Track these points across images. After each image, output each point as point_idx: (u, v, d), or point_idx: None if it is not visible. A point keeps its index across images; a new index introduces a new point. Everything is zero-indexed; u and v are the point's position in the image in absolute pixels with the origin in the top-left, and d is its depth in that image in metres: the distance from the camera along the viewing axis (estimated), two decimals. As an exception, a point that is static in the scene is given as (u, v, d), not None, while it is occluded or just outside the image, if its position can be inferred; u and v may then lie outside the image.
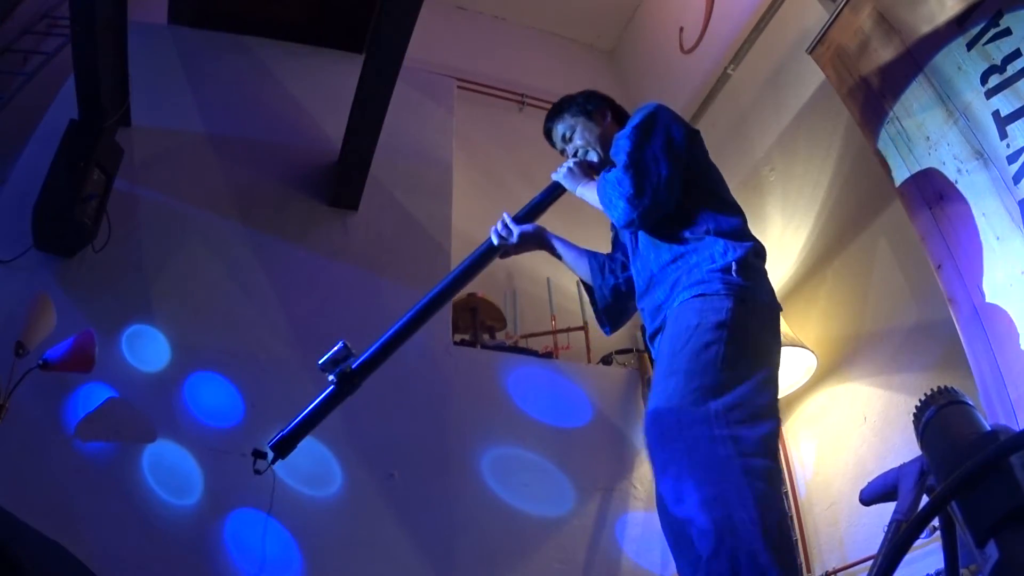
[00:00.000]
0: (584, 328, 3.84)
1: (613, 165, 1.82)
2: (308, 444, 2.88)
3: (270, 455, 1.82)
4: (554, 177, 1.97)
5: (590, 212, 1.91)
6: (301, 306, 3.24)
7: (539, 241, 2.01)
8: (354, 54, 3.92)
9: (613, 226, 2.04)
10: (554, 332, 3.82)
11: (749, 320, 1.61)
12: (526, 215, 1.98)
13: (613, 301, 2.00)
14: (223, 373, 2.92)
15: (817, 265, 3.45)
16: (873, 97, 2.75)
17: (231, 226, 3.34)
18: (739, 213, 1.81)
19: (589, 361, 3.77)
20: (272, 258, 3.32)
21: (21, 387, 2.39)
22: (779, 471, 1.48)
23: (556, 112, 2.06)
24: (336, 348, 1.75)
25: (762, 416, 1.48)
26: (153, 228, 3.22)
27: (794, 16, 3.71)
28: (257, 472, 1.81)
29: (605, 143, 1.94)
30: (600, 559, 3.01)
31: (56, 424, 2.66)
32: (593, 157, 1.96)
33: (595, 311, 2.06)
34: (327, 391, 1.81)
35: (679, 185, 1.75)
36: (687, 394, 1.48)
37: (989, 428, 1.21)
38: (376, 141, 3.37)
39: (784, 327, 3.25)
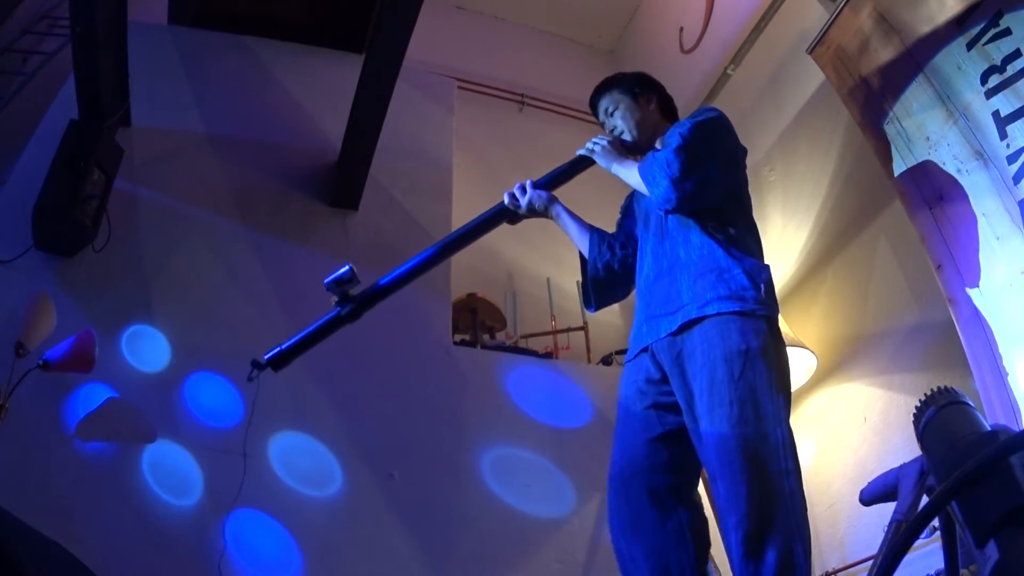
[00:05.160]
0: (584, 328, 3.84)
1: (652, 148, 1.88)
2: (308, 444, 2.93)
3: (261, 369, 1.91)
4: (581, 152, 1.98)
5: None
6: (301, 306, 3.23)
7: (548, 210, 1.99)
8: (354, 54, 3.91)
9: (626, 207, 2.08)
10: (554, 332, 3.81)
11: (780, 342, 1.71)
12: (545, 184, 2.00)
13: (604, 276, 2.00)
14: (223, 373, 2.92)
15: (817, 265, 3.45)
16: (873, 97, 2.75)
17: (231, 226, 3.34)
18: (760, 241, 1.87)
19: (589, 361, 3.76)
20: (272, 258, 3.32)
21: (21, 387, 2.38)
22: None
23: (606, 85, 2.09)
24: (343, 270, 1.80)
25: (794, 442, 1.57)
26: (153, 228, 3.22)
27: (794, 16, 3.71)
28: (250, 379, 1.91)
29: (643, 127, 1.99)
30: (600, 559, 3.00)
31: (56, 424, 2.65)
32: (628, 137, 1.98)
33: (583, 286, 2.06)
34: (330, 314, 1.88)
35: (721, 191, 1.81)
36: (756, 425, 1.54)
37: (989, 428, 1.21)
38: (376, 141, 3.37)
39: (784, 327, 3.25)
